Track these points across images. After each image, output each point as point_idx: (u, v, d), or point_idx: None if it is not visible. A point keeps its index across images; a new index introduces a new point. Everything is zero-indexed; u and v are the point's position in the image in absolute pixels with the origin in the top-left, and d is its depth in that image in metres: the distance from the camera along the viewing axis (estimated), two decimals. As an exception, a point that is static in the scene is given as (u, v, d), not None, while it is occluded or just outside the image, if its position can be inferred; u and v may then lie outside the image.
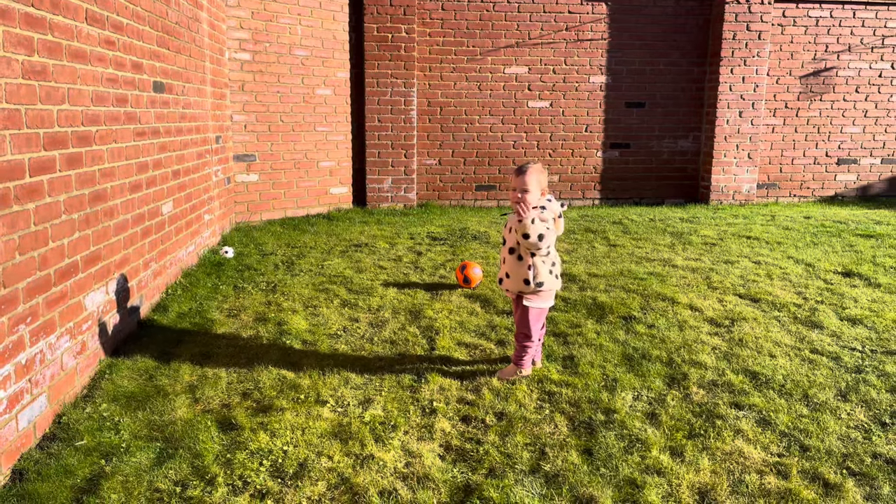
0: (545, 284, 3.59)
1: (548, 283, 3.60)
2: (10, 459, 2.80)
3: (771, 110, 9.97)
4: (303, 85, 8.24)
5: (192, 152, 5.78)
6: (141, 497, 2.68)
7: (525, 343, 3.69)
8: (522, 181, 3.46)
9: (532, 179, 3.47)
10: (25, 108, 2.91)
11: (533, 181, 3.47)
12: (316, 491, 2.74)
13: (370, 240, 7.18)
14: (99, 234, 3.74)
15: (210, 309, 4.82)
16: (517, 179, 3.49)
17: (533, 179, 3.47)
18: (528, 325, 3.65)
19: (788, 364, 3.93)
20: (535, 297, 3.62)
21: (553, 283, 3.63)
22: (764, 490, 2.76)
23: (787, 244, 6.99)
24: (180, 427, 3.20)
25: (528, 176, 3.47)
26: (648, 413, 3.38)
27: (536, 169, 3.50)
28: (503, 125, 9.59)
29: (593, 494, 2.72)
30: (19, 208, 2.86)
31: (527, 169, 3.49)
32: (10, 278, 2.78)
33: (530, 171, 3.48)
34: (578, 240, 7.23)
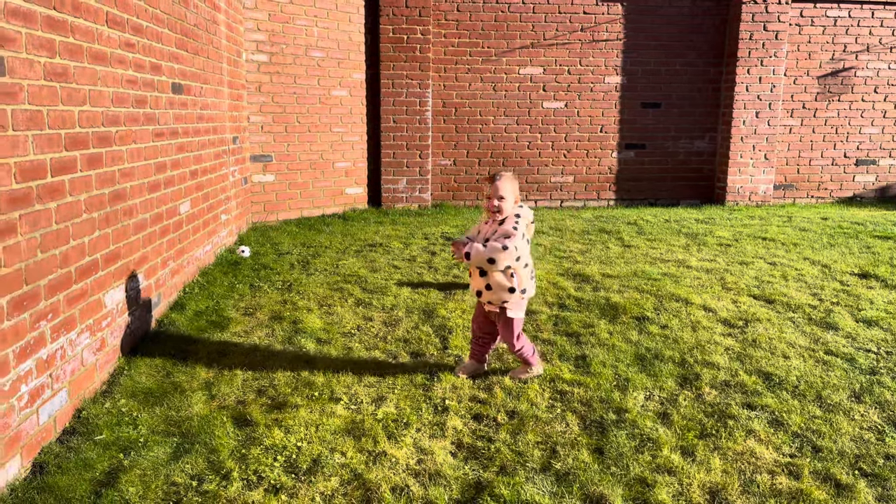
0: (528, 291, 3.59)
1: (530, 290, 3.60)
2: (31, 453, 2.86)
3: (788, 111, 9.90)
4: (319, 86, 8.31)
5: (210, 153, 5.86)
6: (158, 490, 2.73)
7: (521, 348, 3.68)
8: (497, 188, 3.45)
9: (507, 186, 3.46)
10: (47, 109, 2.97)
11: (507, 188, 3.46)
12: (329, 486, 2.78)
13: (385, 240, 7.22)
14: (118, 233, 3.81)
15: (226, 307, 4.89)
16: (492, 187, 3.47)
17: (507, 186, 3.46)
18: (514, 335, 3.63)
19: (802, 365, 3.92)
20: (516, 306, 3.58)
21: (532, 289, 3.65)
22: (775, 490, 2.76)
23: (803, 245, 6.95)
24: (196, 423, 3.25)
25: (503, 182, 3.46)
26: (660, 413, 3.39)
27: (510, 177, 3.50)
28: (518, 126, 9.61)
29: (604, 493, 2.73)
30: (41, 207, 2.92)
31: (501, 176, 3.48)
32: (31, 275, 2.84)
33: (504, 178, 3.47)
34: (593, 240, 7.24)
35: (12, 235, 2.69)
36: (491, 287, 3.51)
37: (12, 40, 2.70)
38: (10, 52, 2.68)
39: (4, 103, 2.63)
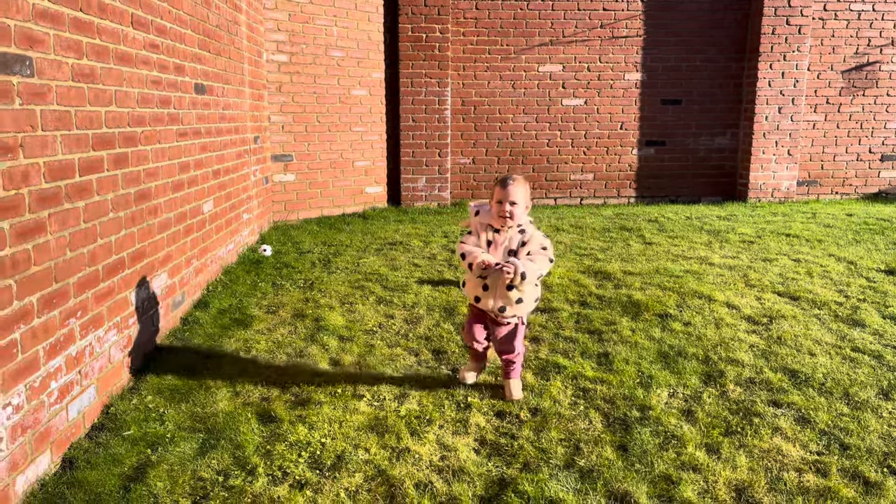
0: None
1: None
2: (61, 448, 2.91)
3: (812, 106, 9.78)
4: (338, 86, 8.34)
5: (232, 152, 5.91)
6: (185, 485, 2.76)
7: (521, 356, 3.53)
8: (509, 192, 3.17)
9: (519, 191, 3.18)
10: (75, 109, 3.02)
11: (520, 193, 3.18)
12: (353, 482, 2.79)
13: (405, 238, 7.24)
14: (144, 232, 3.85)
15: (249, 305, 4.93)
16: (502, 192, 3.17)
17: (520, 191, 3.18)
18: (521, 341, 3.48)
19: (829, 362, 3.88)
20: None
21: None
22: (802, 488, 2.73)
23: (828, 242, 6.86)
24: (222, 419, 3.28)
25: (515, 186, 3.17)
26: (684, 410, 3.37)
27: (522, 180, 3.23)
28: (537, 123, 9.58)
29: (628, 490, 2.72)
30: (70, 206, 2.97)
31: (513, 179, 3.19)
32: (61, 273, 2.89)
33: (517, 182, 3.19)
34: (613, 238, 7.20)
35: (42, 234, 2.74)
36: (522, 300, 3.29)
37: (41, 41, 2.74)
38: (38, 53, 2.72)
39: (34, 104, 2.68)
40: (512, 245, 3.24)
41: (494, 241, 3.27)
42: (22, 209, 2.59)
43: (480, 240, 3.29)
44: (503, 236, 3.26)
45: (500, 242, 3.25)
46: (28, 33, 2.64)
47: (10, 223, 2.51)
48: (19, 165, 2.57)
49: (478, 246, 3.28)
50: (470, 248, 3.26)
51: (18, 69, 2.57)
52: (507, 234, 3.25)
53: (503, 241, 3.25)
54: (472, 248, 3.26)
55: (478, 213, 3.33)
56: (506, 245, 3.24)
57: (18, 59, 2.58)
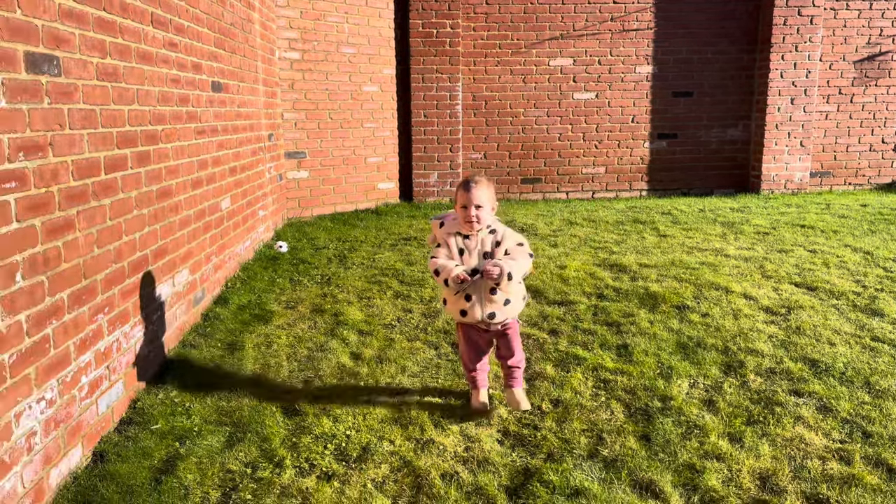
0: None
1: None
2: (91, 442, 2.95)
3: (824, 97, 9.74)
4: (350, 82, 8.37)
5: (247, 150, 5.95)
6: (214, 477, 2.80)
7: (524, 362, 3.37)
8: (473, 197, 3.02)
9: (483, 193, 3.04)
10: (100, 108, 3.06)
11: (484, 195, 3.04)
12: (380, 473, 2.83)
13: (418, 233, 7.27)
14: (166, 229, 3.90)
15: (268, 301, 4.97)
16: (466, 195, 3.03)
17: (483, 193, 3.04)
18: (520, 345, 3.33)
19: (849, 352, 3.88)
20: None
21: None
22: (826, 475, 2.74)
23: (843, 232, 6.84)
24: (247, 412, 3.32)
25: (478, 189, 3.03)
26: (705, 400, 3.38)
27: (485, 182, 3.07)
28: (548, 118, 9.58)
29: (653, 479, 2.74)
30: (96, 203, 3.01)
31: (475, 182, 3.04)
32: (89, 270, 2.93)
33: (480, 184, 3.04)
34: (627, 230, 7.20)
35: (71, 231, 2.78)
36: (510, 301, 3.14)
37: (66, 41, 2.78)
38: (65, 52, 2.76)
39: (62, 103, 2.71)
40: (486, 247, 3.09)
41: (467, 248, 3.11)
42: (52, 207, 2.63)
43: (452, 250, 3.12)
44: (474, 241, 3.10)
45: (472, 248, 3.10)
46: (55, 33, 2.68)
47: (42, 220, 2.55)
48: (49, 164, 2.61)
49: (450, 258, 3.10)
50: (443, 262, 3.08)
51: (47, 69, 2.61)
52: (478, 238, 3.10)
53: (475, 245, 3.10)
54: (444, 262, 3.08)
55: (442, 223, 3.16)
56: (479, 249, 3.09)
57: (46, 58, 2.61)
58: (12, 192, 2.36)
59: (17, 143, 2.39)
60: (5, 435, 2.31)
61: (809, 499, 2.61)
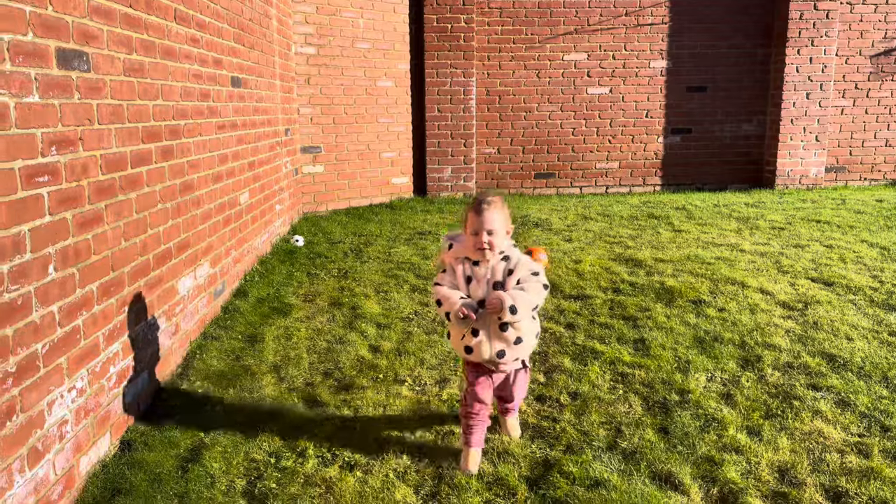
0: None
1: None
2: (119, 431, 3.01)
3: (839, 91, 9.68)
4: (365, 77, 8.41)
5: (265, 144, 6.00)
6: (240, 466, 2.86)
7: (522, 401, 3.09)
8: (485, 220, 2.64)
9: (496, 216, 2.65)
10: (127, 103, 3.11)
11: (497, 218, 2.66)
12: (401, 463, 2.87)
13: (433, 228, 7.30)
14: (188, 223, 3.95)
15: (287, 294, 5.02)
16: (477, 219, 2.65)
17: (497, 216, 2.66)
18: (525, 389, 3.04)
19: (866, 347, 3.89)
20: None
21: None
22: (845, 468, 2.76)
23: (859, 228, 6.82)
24: (269, 403, 3.37)
25: (491, 212, 2.64)
26: (723, 394, 3.40)
27: (499, 203, 2.69)
28: (562, 112, 9.58)
29: (672, 471, 2.77)
30: (123, 197, 3.06)
31: (488, 203, 2.66)
32: (117, 262, 2.99)
33: (493, 206, 2.65)
34: (642, 225, 7.21)
35: (100, 224, 2.83)
36: (521, 340, 2.75)
37: (95, 37, 2.83)
38: (94, 48, 2.81)
39: (91, 98, 2.76)
40: (497, 276, 2.70)
41: (475, 275, 2.73)
42: (83, 200, 2.68)
43: (458, 277, 2.75)
44: (484, 268, 2.71)
45: (481, 276, 2.71)
46: (84, 29, 2.73)
47: (73, 214, 2.61)
48: (79, 158, 2.66)
49: (454, 285, 2.75)
50: (446, 291, 2.72)
51: (77, 64, 2.66)
52: (489, 265, 2.71)
53: (485, 273, 2.71)
54: (447, 291, 2.72)
55: (451, 245, 2.80)
56: (489, 278, 2.71)
57: (76, 54, 2.66)
58: (45, 185, 2.41)
59: (49, 138, 2.44)
60: (38, 423, 2.36)
61: (828, 491, 2.63)
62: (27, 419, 2.29)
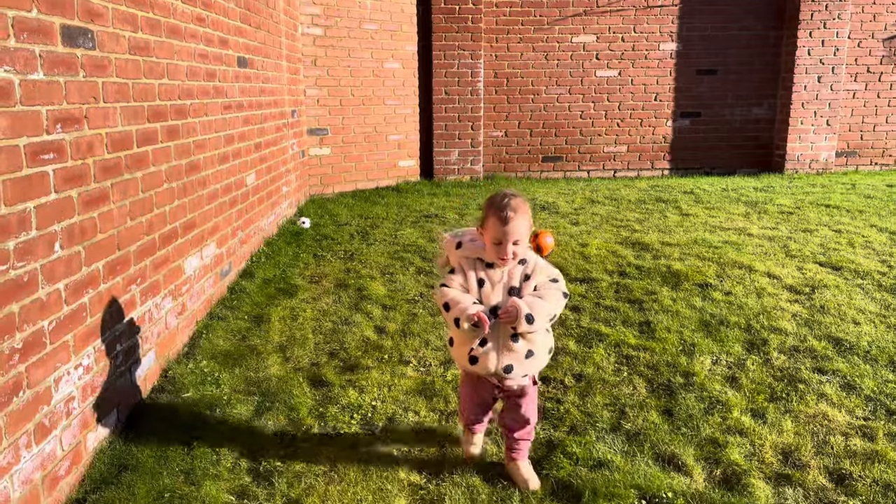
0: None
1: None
2: (126, 408, 3.04)
3: (851, 75, 9.58)
4: (372, 59, 8.36)
5: (271, 126, 5.98)
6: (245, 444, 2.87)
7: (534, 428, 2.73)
8: (510, 231, 2.38)
9: (522, 225, 2.39)
10: (132, 82, 3.10)
11: (523, 227, 2.40)
12: (405, 442, 2.88)
13: (440, 211, 7.29)
14: (194, 203, 3.95)
15: (293, 275, 5.03)
16: (501, 230, 2.38)
17: (523, 225, 2.40)
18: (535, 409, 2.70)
19: (873, 331, 3.87)
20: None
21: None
22: (850, 451, 2.76)
23: (869, 213, 6.77)
24: (275, 383, 3.39)
25: (517, 221, 2.38)
26: (728, 377, 3.40)
27: (522, 207, 2.41)
28: (570, 95, 9.52)
29: (675, 452, 2.77)
30: (129, 176, 3.06)
31: (513, 210, 2.38)
32: (123, 241, 2.99)
33: (518, 214, 2.38)
34: (650, 209, 7.18)
35: (105, 203, 2.83)
36: (533, 353, 2.50)
37: (100, 15, 2.81)
38: (98, 26, 2.79)
39: (96, 76, 2.76)
40: (513, 282, 2.48)
41: (489, 279, 2.48)
42: (88, 179, 2.68)
43: (469, 280, 2.49)
44: (499, 272, 2.49)
45: (496, 280, 2.48)
46: (88, 7, 2.71)
47: (78, 192, 2.61)
48: (85, 136, 2.66)
49: (465, 288, 2.49)
50: (455, 294, 2.45)
51: (82, 42, 2.65)
52: (505, 269, 2.49)
53: (500, 277, 2.48)
54: (457, 294, 2.46)
55: (460, 245, 2.55)
56: (504, 282, 2.48)
57: (81, 31, 2.65)
58: (51, 163, 2.41)
59: (54, 115, 2.44)
60: (45, 399, 2.38)
61: (832, 473, 2.63)
62: (34, 395, 2.30)
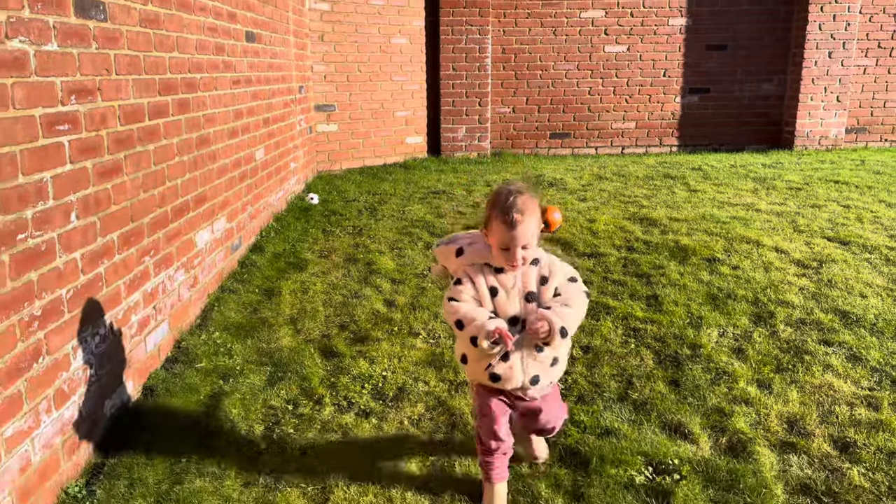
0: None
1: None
2: (142, 377, 3.09)
3: (862, 50, 9.48)
4: (379, 34, 8.33)
5: (279, 101, 5.99)
6: (258, 413, 2.93)
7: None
8: (518, 236, 2.12)
9: (530, 227, 2.14)
10: (143, 54, 3.11)
11: (531, 228, 2.15)
12: (416, 411, 2.93)
13: (447, 187, 7.30)
14: (205, 177, 3.98)
15: (302, 250, 5.07)
16: (508, 234, 2.12)
17: (531, 226, 2.14)
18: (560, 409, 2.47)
19: (880, 304, 3.89)
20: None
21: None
22: (854, 420, 2.79)
23: (878, 188, 6.75)
24: (286, 354, 3.44)
25: (525, 223, 2.12)
26: (735, 348, 3.43)
27: (529, 207, 2.14)
28: (578, 71, 9.46)
29: (682, 421, 2.82)
30: (142, 148, 3.09)
31: (519, 212, 2.11)
32: (136, 213, 3.03)
33: (526, 215, 2.12)
34: (658, 185, 7.17)
35: (119, 175, 2.86)
36: (557, 361, 2.29)
37: (111, -12, 2.82)
38: (110, -1, 2.81)
39: (108, 48, 2.77)
40: (529, 286, 2.23)
41: (501, 286, 2.22)
42: (102, 150, 2.71)
43: (479, 289, 2.22)
44: (511, 277, 2.23)
45: (509, 286, 2.22)
46: (100, -21, 2.72)
47: (93, 163, 2.64)
48: (98, 108, 2.68)
49: (477, 301, 2.22)
50: (468, 310, 2.19)
51: (94, 13, 2.67)
52: (517, 274, 2.23)
53: (513, 283, 2.23)
54: (470, 309, 2.20)
55: (461, 251, 2.27)
56: (519, 288, 2.23)
57: (93, 3, 2.66)
58: (66, 134, 2.44)
59: (68, 87, 2.46)
60: (64, 366, 2.43)
61: (837, 442, 2.67)
62: (53, 362, 2.35)
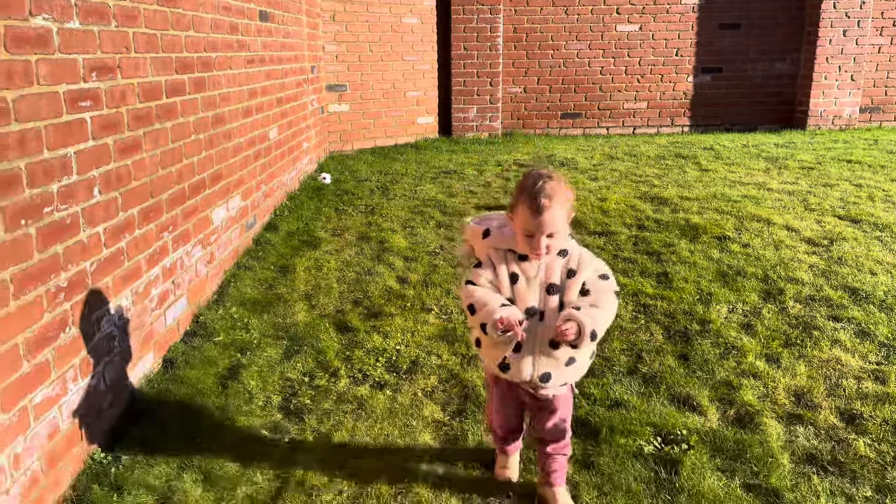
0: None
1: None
2: (161, 350, 3.17)
3: (877, 29, 9.38)
4: (391, 14, 8.32)
5: (292, 81, 6.02)
6: (275, 384, 3.01)
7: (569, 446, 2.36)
8: (545, 223, 1.99)
9: (558, 216, 2.00)
10: (160, 33, 3.16)
11: (560, 218, 2.01)
12: (429, 384, 3.00)
13: (458, 167, 7.33)
14: (220, 155, 4.04)
15: (316, 228, 5.13)
16: (534, 221, 1.98)
17: (559, 215, 2.00)
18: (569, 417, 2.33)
19: (890, 281, 3.91)
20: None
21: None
22: (861, 393, 2.84)
23: (890, 168, 6.72)
24: (302, 328, 3.51)
25: (553, 211, 1.98)
26: (744, 324, 3.47)
27: (559, 195, 2.00)
28: (590, 51, 9.42)
29: (690, 394, 2.87)
30: (160, 126, 3.14)
31: (547, 197, 1.97)
32: (155, 189, 3.09)
33: (554, 202, 1.98)
34: (669, 165, 7.17)
35: (138, 151, 2.92)
36: (574, 361, 2.14)
37: (129, -33, 2.86)
38: (128, -23, 2.85)
39: (127, 26, 2.82)
40: (552, 278, 2.08)
41: (523, 273, 2.09)
42: (122, 127, 2.77)
43: (499, 275, 2.10)
44: (534, 265, 2.09)
45: (531, 275, 2.09)
46: (119, -42, 2.76)
47: (114, 139, 2.70)
48: (118, 85, 2.73)
49: (495, 286, 2.10)
50: (482, 294, 2.07)
51: (113, -8, 2.71)
52: (542, 263, 2.09)
53: (536, 272, 2.09)
54: (485, 294, 2.08)
55: (487, 232, 2.15)
56: (542, 279, 2.08)
57: (112, -18, 2.71)
58: (88, 110, 2.50)
59: (90, 64, 2.52)
60: (89, 335, 2.51)
61: (843, 414, 2.72)
62: (79, 332, 2.43)
